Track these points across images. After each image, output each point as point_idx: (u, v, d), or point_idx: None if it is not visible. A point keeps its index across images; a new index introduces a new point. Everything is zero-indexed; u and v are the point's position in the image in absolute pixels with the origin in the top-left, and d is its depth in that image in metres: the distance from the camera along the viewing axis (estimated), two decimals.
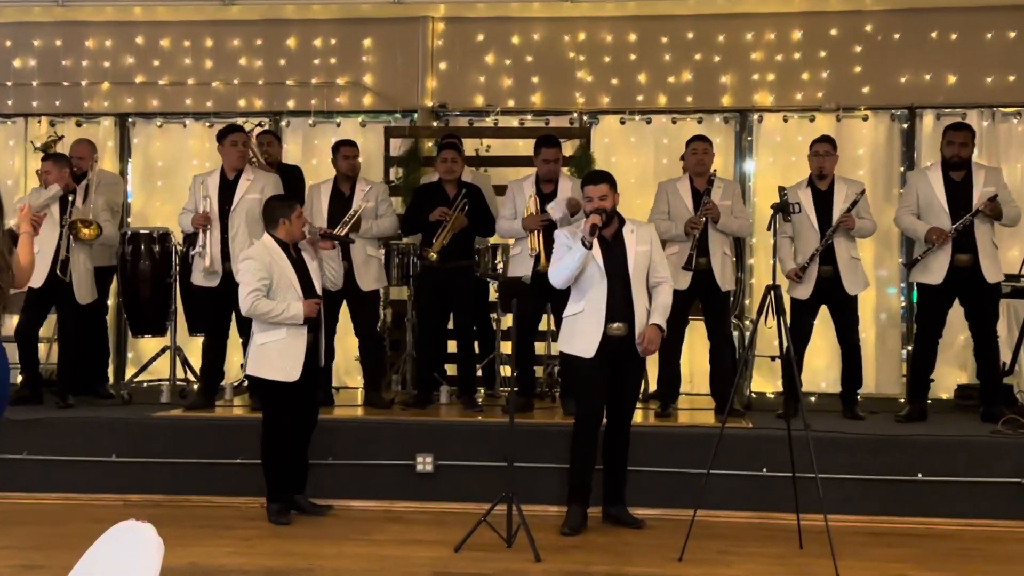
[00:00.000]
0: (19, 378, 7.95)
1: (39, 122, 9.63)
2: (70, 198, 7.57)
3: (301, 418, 6.31)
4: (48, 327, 8.08)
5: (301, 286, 6.16)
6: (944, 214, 7.13)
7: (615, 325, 5.90)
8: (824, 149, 7.36)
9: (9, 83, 9.56)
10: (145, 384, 8.46)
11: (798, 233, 7.21)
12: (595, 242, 5.84)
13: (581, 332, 5.95)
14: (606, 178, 6.01)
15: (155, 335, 8.27)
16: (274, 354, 6.10)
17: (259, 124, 8.50)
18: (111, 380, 8.61)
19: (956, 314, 7.37)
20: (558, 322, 7.31)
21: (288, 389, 6.13)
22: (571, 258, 5.81)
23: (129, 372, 8.96)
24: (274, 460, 6.24)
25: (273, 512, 6.24)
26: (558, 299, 7.16)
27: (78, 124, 9.43)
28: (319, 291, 6.34)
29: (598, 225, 5.78)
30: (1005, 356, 7.58)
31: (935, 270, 7.14)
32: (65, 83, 9.55)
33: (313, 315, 6.15)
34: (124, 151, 9.61)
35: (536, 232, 7.12)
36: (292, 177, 7.90)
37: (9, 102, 9.60)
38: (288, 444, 6.23)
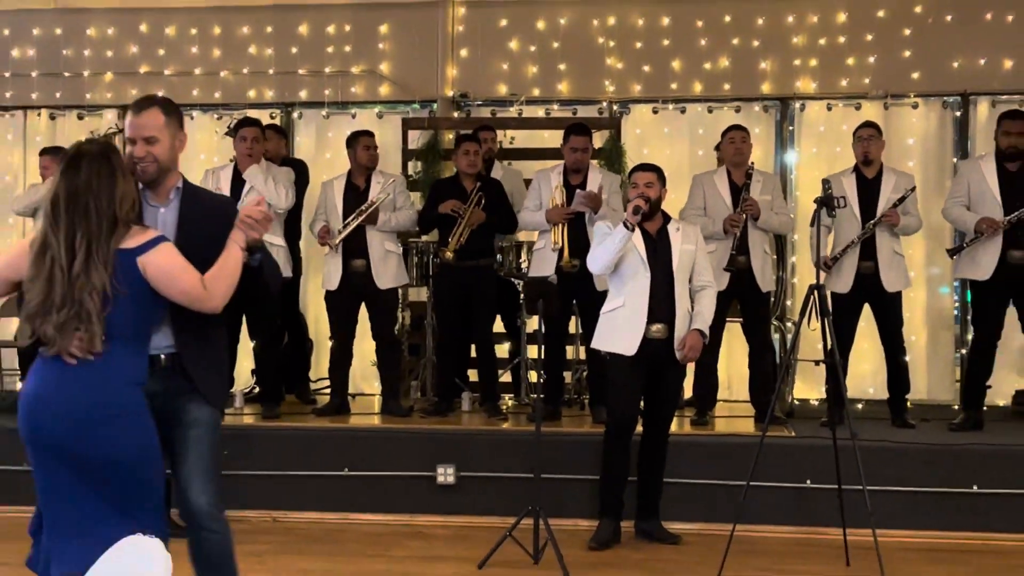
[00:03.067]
0: (18, 385, 8.01)
1: (39, 115, 9.71)
2: None
3: None
4: None
5: None
6: (998, 207, 7.09)
7: (655, 327, 5.89)
8: (868, 133, 7.37)
9: (7, 74, 9.65)
10: None
11: (838, 223, 7.15)
12: (639, 234, 5.88)
13: (621, 329, 5.94)
14: (655, 169, 6.09)
15: None
16: None
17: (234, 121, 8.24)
18: None
19: (1014, 315, 7.34)
20: (585, 324, 7.35)
21: None
22: (611, 240, 5.83)
23: None
24: None
25: None
26: (586, 300, 7.20)
27: (80, 117, 9.49)
28: None
29: (642, 207, 5.80)
30: None
31: (984, 264, 7.13)
32: (66, 74, 9.62)
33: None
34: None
35: (560, 225, 7.11)
36: (296, 173, 7.93)
37: (7, 94, 9.68)
38: None
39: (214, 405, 3.94)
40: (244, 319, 7.30)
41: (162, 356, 3.77)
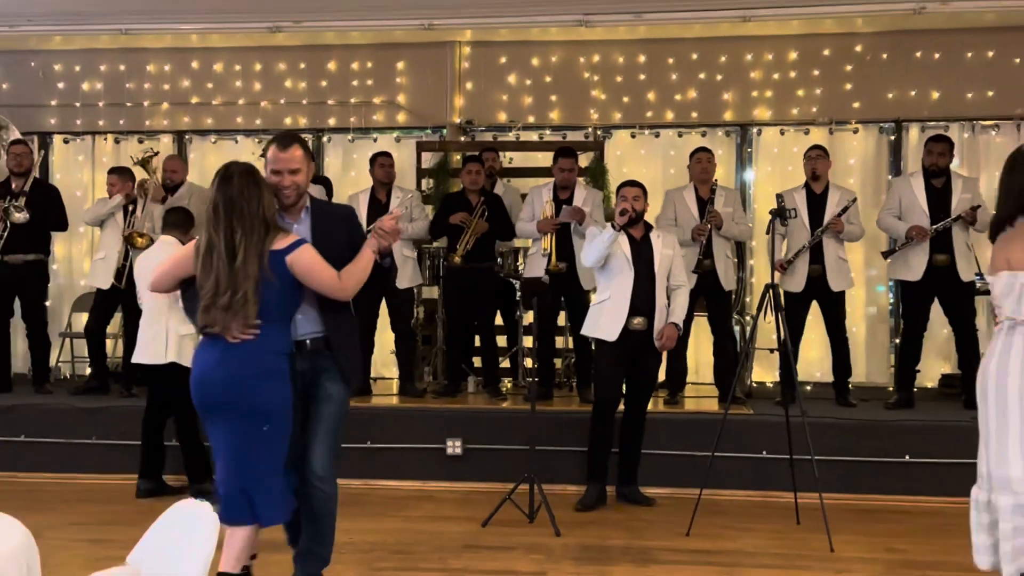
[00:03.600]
0: (88, 371, 8.02)
1: (105, 139, 9.70)
2: (130, 208, 7.65)
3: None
4: (114, 325, 8.13)
5: None
6: (925, 217, 7.14)
7: (636, 320, 5.92)
8: (816, 154, 7.42)
9: (78, 104, 9.62)
10: None
11: (790, 231, 7.19)
12: (625, 239, 5.92)
13: (606, 318, 5.98)
14: (641, 185, 6.15)
15: None
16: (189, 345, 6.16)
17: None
18: None
19: (940, 309, 7.36)
20: (572, 318, 7.38)
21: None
22: (601, 239, 5.88)
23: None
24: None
25: None
26: (573, 297, 7.24)
27: (140, 141, 9.46)
28: None
29: (628, 211, 5.87)
30: (984, 348, 7.52)
31: (914, 267, 7.17)
32: (128, 104, 9.59)
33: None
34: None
35: (549, 234, 7.14)
36: (326, 190, 7.96)
37: (78, 121, 9.66)
38: None
39: (348, 383, 4.17)
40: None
41: (308, 341, 4.03)
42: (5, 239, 7.72)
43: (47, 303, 8.58)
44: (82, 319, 8.43)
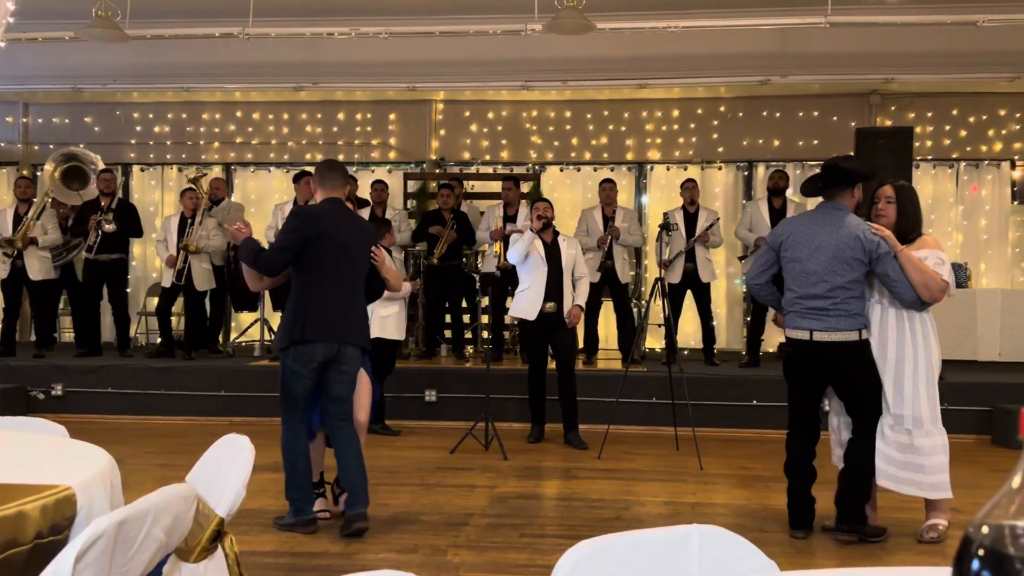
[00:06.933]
0: (158, 340, 7.90)
1: (171, 168, 9.53)
2: (188, 222, 7.59)
3: (392, 366, 6.32)
4: (178, 305, 8.01)
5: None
6: (768, 229, 7.21)
7: (549, 304, 5.86)
8: (691, 185, 7.51)
9: (151, 143, 9.45)
10: (244, 343, 8.41)
11: (673, 240, 7.24)
12: (539, 243, 5.84)
13: (527, 303, 5.90)
14: (548, 201, 6.10)
15: (250, 311, 8.21)
16: (393, 322, 6.05)
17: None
18: (220, 341, 8.54)
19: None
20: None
21: (397, 346, 6.23)
22: (521, 241, 5.83)
23: (233, 335, 8.89)
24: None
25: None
26: (517, 286, 7.23)
27: (196, 170, 9.31)
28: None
29: (542, 216, 5.81)
30: None
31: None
32: (188, 143, 9.44)
33: (416, 291, 6.31)
34: (229, 189, 9.53)
35: (500, 241, 7.14)
36: None
37: (151, 156, 9.48)
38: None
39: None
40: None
41: None
42: (98, 243, 7.59)
43: (128, 290, 8.43)
44: (153, 302, 8.29)
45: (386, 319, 6.08)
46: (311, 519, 3.97)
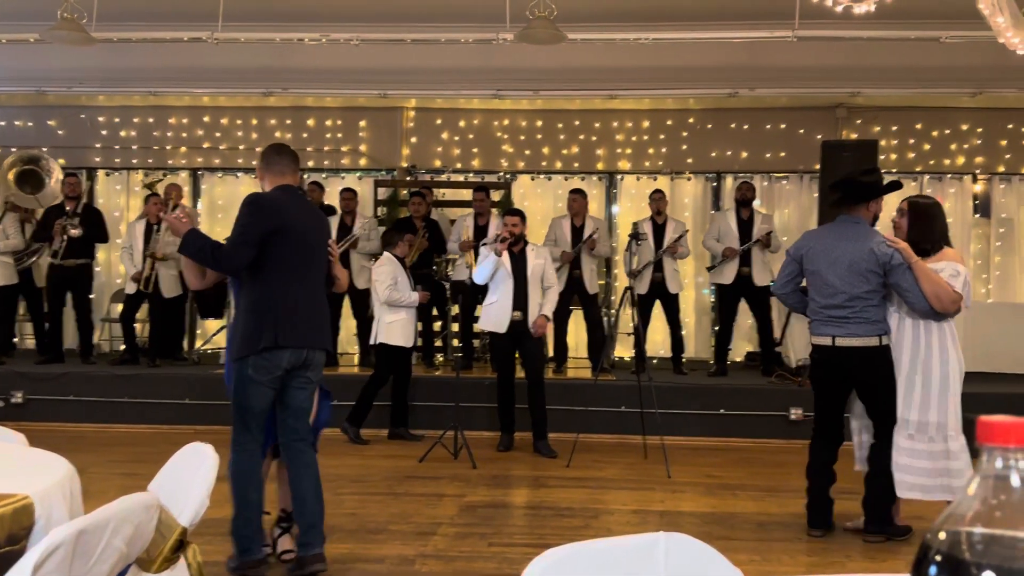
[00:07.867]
0: (122, 347, 7.76)
1: (137, 173, 9.39)
2: (155, 228, 7.49)
3: (406, 372, 6.32)
4: (141, 312, 7.89)
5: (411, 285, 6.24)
6: (736, 241, 7.34)
7: (516, 313, 5.85)
8: (659, 195, 7.55)
9: (117, 147, 9.31)
10: (209, 351, 8.30)
11: (641, 250, 7.27)
12: (506, 254, 5.82)
13: (495, 315, 5.91)
14: (519, 213, 6.03)
15: (216, 317, 8.12)
16: (398, 328, 6.03)
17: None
18: (186, 348, 8.43)
19: (746, 306, 7.56)
20: None
21: (405, 352, 6.19)
22: (487, 263, 5.82)
23: (198, 343, 8.78)
24: (372, 399, 6.28)
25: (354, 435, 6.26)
26: (485, 296, 7.21)
27: (163, 175, 9.20)
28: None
29: (507, 238, 5.78)
30: (776, 334, 7.78)
31: (727, 275, 7.37)
32: (155, 147, 9.32)
33: (425, 302, 6.33)
34: (196, 195, 9.41)
35: (471, 251, 7.14)
36: None
37: (116, 160, 9.34)
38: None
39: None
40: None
41: None
42: (63, 249, 7.47)
43: (91, 296, 8.28)
44: (117, 308, 8.16)
45: (391, 325, 6.07)
46: (261, 559, 3.45)
